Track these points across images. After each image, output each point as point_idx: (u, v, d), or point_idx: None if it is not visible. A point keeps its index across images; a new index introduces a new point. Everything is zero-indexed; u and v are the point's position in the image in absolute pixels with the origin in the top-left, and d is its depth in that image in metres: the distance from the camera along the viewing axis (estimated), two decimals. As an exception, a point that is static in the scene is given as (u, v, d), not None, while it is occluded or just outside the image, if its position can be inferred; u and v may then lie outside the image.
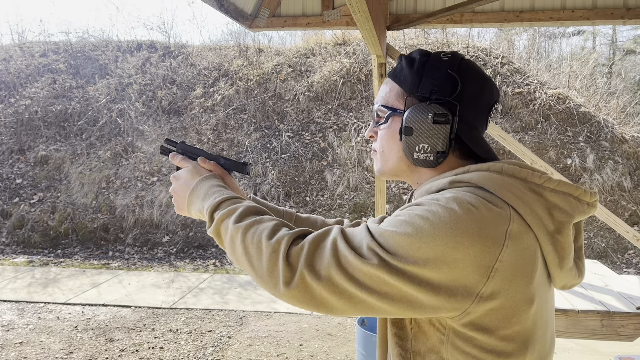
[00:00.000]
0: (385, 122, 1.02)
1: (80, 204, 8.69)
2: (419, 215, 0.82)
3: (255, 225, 0.91)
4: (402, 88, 1.00)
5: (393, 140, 1.01)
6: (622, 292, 3.19)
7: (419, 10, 4.90)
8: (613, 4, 4.70)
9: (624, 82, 15.33)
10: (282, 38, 28.25)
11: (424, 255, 0.79)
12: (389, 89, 1.03)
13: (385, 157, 1.04)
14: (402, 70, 1.01)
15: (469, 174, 0.90)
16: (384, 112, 1.02)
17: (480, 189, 0.87)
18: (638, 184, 8.03)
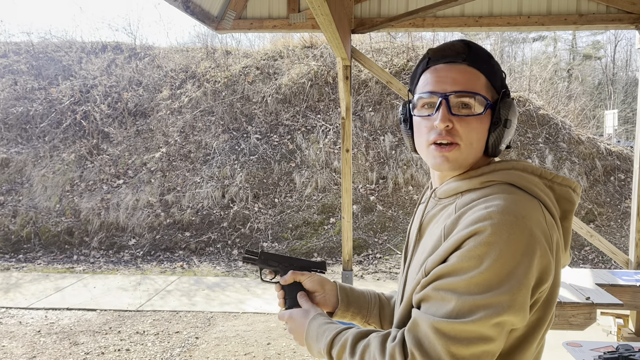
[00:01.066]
0: (482, 113, 0.98)
1: (43, 208, 8.52)
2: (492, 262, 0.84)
3: (366, 351, 0.93)
4: (488, 80, 1.01)
5: (484, 132, 1.00)
6: (574, 284, 3.36)
7: (383, 14, 5.03)
8: (566, 11, 4.92)
9: (581, 86, 15.89)
10: (250, 41, 28.14)
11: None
12: (475, 77, 0.99)
13: (473, 149, 1.00)
14: (483, 61, 1.01)
15: (497, 172, 0.97)
16: (481, 101, 0.98)
17: (511, 185, 0.95)
18: (594, 183, 8.37)
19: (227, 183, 8.62)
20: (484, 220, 0.86)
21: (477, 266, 0.84)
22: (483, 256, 0.84)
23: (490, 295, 0.82)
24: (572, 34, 36.67)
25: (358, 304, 1.25)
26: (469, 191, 0.98)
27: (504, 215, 0.85)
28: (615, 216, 8.01)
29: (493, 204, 0.88)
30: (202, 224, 8.18)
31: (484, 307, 0.82)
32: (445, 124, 0.96)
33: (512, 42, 30.13)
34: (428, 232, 1.05)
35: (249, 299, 5.86)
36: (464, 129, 0.97)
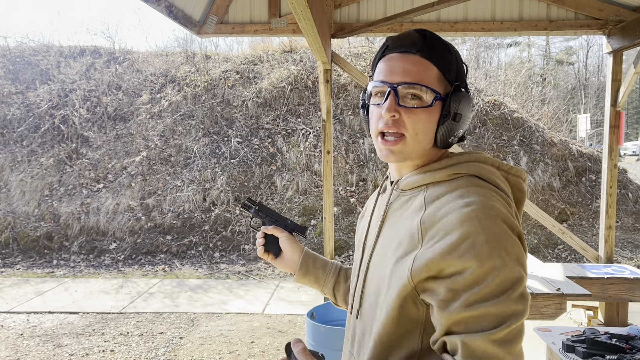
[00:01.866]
0: (430, 105, 0.98)
1: (21, 213, 8.44)
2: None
3: None
4: (440, 71, 1.00)
5: (432, 124, 1.00)
6: (546, 277, 3.52)
7: (362, 20, 5.17)
8: (537, 17, 5.12)
9: (554, 90, 16.31)
10: (229, 45, 28.10)
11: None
12: (424, 68, 0.99)
13: (419, 140, 1.00)
14: (434, 52, 1.00)
15: (461, 165, 1.00)
16: (428, 94, 0.98)
17: (476, 177, 0.98)
18: (566, 184, 8.64)
19: (208, 186, 8.66)
20: (473, 218, 0.87)
21: (493, 267, 0.85)
22: (492, 255, 0.85)
23: (518, 287, 0.86)
24: (546, 40, 37.57)
25: (316, 275, 1.35)
26: (436, 184, 1.00)
27: (488, 209, 0.89)
28: (587, 215, 8.28)
29: (474, 200, 0.90)
30: (184, 228, 8.20)
31: (519, 301, 0.85)
32: (391, 114, 0.97)
33: (487, 47, 30.68)
34: (391, 224, 1.05)
35: (232, 299, 5.92)
36: (410, 120, 0.98)
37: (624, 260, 7.18)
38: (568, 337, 2.28)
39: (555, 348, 2.27)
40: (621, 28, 4.78)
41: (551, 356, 2.47)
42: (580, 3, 4.96)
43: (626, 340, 2.22)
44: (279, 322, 5.16)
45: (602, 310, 4.16)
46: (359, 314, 1.09)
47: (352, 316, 1.14)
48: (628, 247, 7.60)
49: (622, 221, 8.26)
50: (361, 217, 1.31)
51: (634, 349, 2.14)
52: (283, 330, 4.91)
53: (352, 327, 1.14)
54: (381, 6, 5.16)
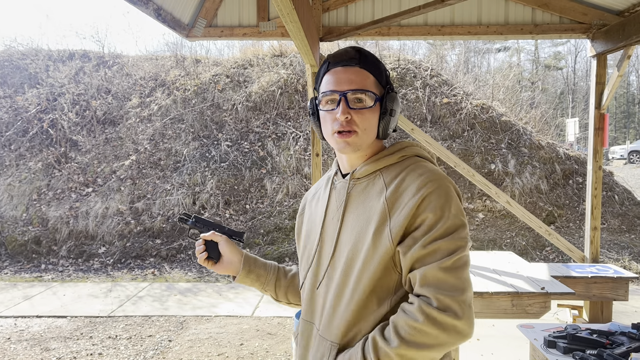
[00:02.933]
0: (373, 106, 1.22)
1: (9, 217, 8.38)
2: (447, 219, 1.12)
3: (399, 330, 1.08)
4: (376, 78, 1.24)
5: (375, 121, 1.24)
6: (531, 277, 3.56)
7: (350, 23, 5.22)
8: (522, 21, 5.19)
9: (543, 94, 16.46)
10: (219, 49, 28.09)
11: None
12: (365, 77, 1.23)
13: (368, 134, 1.23)
14: (370, 63, 1.25)
15: (406, 149, 1.26)
16: (370, 96, 1.22)
17: (418, 157, 1.26)
18: (553, 186, 8.72)
19: (198, 190, 8.65)
20: (427, 183, 1.14)
21: (442, 216, 1.10)
22: (443, 208, 1.11)
23: (462, 230, 1.11)
24: (535, 45, 37.93)
25: (257, 273, 1.47)
26: (388, 167, 1.24)
27: (437, 175, 1.16)
28: (574, 217, 8.37)
29: (424, 171, 1.17)
30: (173, 231, 8.19)
31: (462, 239, 1.10)
32: (345, 116, 1.19)
33: (477, 52, 30.90)
34: (354, 207, 1.25)
35: (221, 302, 5.91)
36: (360, 119, 1.21)
37: (610, 262, 7.26)
38: (550, 333, 2.32)
39: (537, 344, 2.31)
40: (605, 32, 4.86)
41: (534, 352, 2.50)
42: (565, 7, 5.04)
43: (606, 336, 2.26)
44: (268, 324, 5.17)
45: (587, 309, 4.21)
46: (321, 285, 1.28)
47: (313, 290, 1.31)
48: (614, 248, 7.69)
49: (608, 223, 8.35)
50: (301, 213, 1.50)
51: (614, 344, 2.18)
52: (272, 333, 4.92)
53: (314, 300, 1.31)
54: (369, 10, 5.21)
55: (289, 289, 1.51)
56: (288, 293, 1.51)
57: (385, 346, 1.07)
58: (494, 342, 4.42)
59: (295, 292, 1.51)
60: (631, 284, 6.37)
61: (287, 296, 1.52)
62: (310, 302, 1.32)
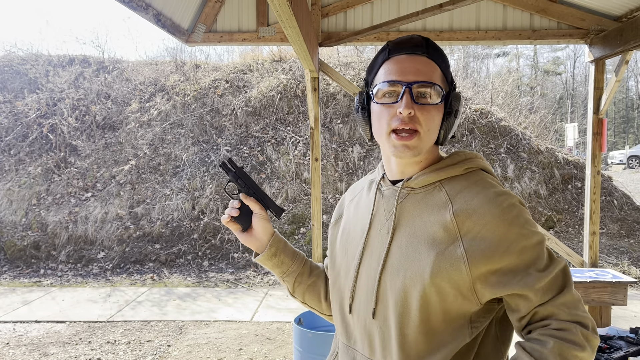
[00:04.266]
0: (441, 102, 1.06)
1: (8, 222, 8.38)
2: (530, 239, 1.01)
3: (568, 357, 0.96)
4: (443, 73, 1.09)
5: (439, 121, 1.07)
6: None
7: (349, 28, 5.24)
8: (520, 26, 5.22)
9: (542, 99, 16.50)
10: (219, 55, 28.17)
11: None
12: (433, 69, 1.07)
13: (430, 136, 1.07)
14: (438, 55, 1.09)
15: (471, 160, 1.11)
16: (439, 92, 1.05)
17: (483, 171, 1.12)
18: (552, 191, 8.73)
19: (197, 195, 8.66)
20: (510, 210, 1.01)
21: (537, 244, 1.00)
22: (532, 236, 1.00)
23: (553, 259, 1.02)
24: (534, 50, 38.05)
25: (282, 260, 1.29)
26: (452, 178, 1.09)
27: (514, 199, 1.03)
28: (573, 222, 8.37)
29: (500, 191, 1.04)
30: (172, 236, 8.18)
31: (563, 265, 1.02)
32: (409, 111, 1.02)
33: (476, 57, 30.98)
34: (410, 221, 1.09)
35: (220, 307, 5.91)
36: (424, 117, 1.04)
37: (609, 267, 7.26)
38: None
39: (536, 349, 2.31)
40: (602, 37, 4.89)
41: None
42: (563, 13, 5.06)
43: (605, 340, 2.26)
44: (267, 329, 5.16)
45: (586, 314, 4.21)
46: (375, 314, 1.10)
47: (360, 317, 1.14)
48: (614, 253, 7.69)
49: (607, 228, 8.35)
50: (338, 219, 1.33)
51: (612, 348, 2.18)
52: (271, 338, 4.91)
53: (364, 328, 1.13)
54: (368, 15, 5.23)
55: (309, 288, 1.35)
56: (306, 292, 1.35)
57: None
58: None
59: (315, 294, 1.36)
60: (630, 289, 6.37)
61: (304, 295, 1.36)
62: (354, 325, 1.17)
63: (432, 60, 1.07)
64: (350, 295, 1.16)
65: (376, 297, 1.09)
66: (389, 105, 1.06)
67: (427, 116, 1.04)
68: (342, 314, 1.20)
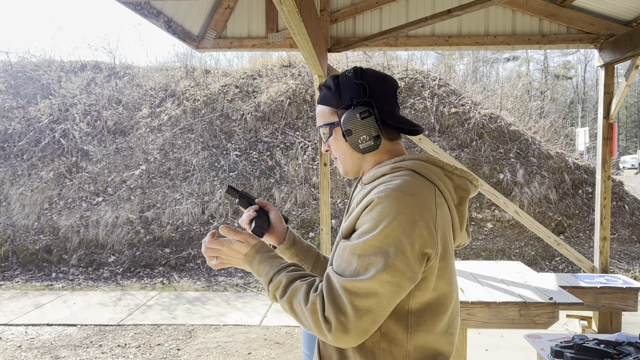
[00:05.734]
0: (331, 135, 1.31)
1: (21, 226, 8.48)
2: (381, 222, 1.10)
3: (294, 295, 1.14)
4: (330, 107, 1.31)
5: (342, 145, 1.31)
6: (539, 287, 3.55)
7: (358, 34, 5.26)
8: (530, 31, 5.22)
9: (552, 104, 16.40)
10: (229, 60, 28.29)
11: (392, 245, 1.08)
12: (321, 111, 1.33)
13: (343, 159, 1.32)
14: (325, 95, 1.32)
15: (405, 161, 1.22)
16: (326, 128, 1.32)
17: (414, 172, 1.19)
18: (562, 196, 8.68)
19: (207, 199, 8.71)
20: (379, 194, 1.11)
21: (371, 231, 1.07)
22: (377, 224, 1.07)
23: (378, 257, 1.05)
24: (544, 55, 37.85)
25: (298, 249, 1.51)
26: (382, 175, 1.23)
27: (395, 192, 1.10)
28: (584, 227, 8.31)
29: (391, 183, 1.13)
30: (182, 240, 8.23)
31: (374, 265, 1.05)
32: (325, 149, 1.36)
33: (485, 62, 30.89)
34: (352, 209, 1.30)
35: (230, 312, 5.93)
36: (333, 148, 1.33)
37: (620, 272, 7.20)
38: (557, 343, 2.32)
39: (544, 354, 2.30)
40: (612, 42, 4.87)
41: (541, 363, 2.50)
42: (572, 18, 5.05)
43: (614, 346, 2.25)
44: (276, 333, 5.17)
45: (596, 319, 4.18)
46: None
47: None
48: (625, 259, 7.62)
49: (618, 233, 8.29)
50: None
51: (621, 354, 2.17)
52: (280, 342, 4.93)
53: None
54: (376, 21, 5.26)
55: (323, 273, 1.52)
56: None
57: (280, 297, 1.17)
58: (503, 352, 4.40)
59: None
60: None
61: None
62: None
63: (321, 103, 1.33)
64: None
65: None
66: None
67: (334, 147, 1.33)
68: None
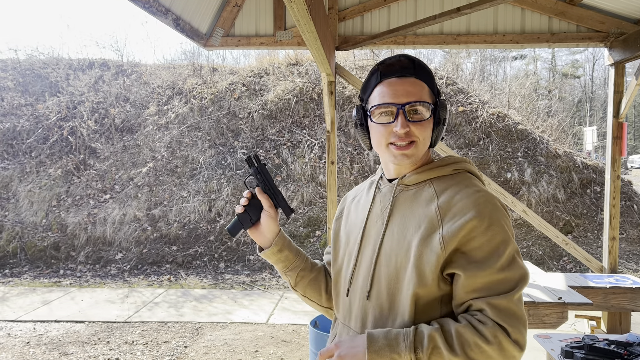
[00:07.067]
0: (430, 116, 1.21)
1: (29, 223, 8.53)
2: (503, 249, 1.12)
3: (465, 344, 1.06)
4: (429, 88, 1.23)
5: (430, 130, 1.23)
6: (548, 287, 3.53)
7: (366, 32, 5.25)
8: (539, 30, 5.18)
9: (560, 103, 16.30)
10: (235, 58, 28.34)
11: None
12: (420, 87, 1.21)
13: (424, 144, 1.22)
14: (423, 72, 1.23)
15: (460, 163, 1.26)
16: (428, 108, 1.20)
17: (470, 173, 1.26)
18: (571, 196, 8.63)
19: (214, 197, 8.73)
20: (485, 203, 1.13)
21: (504, 241, 1.11)
22: (504, 233, 1.11)
23: (518, 259, 1.12)
24: (552, 53, 37.63)
25: (285, 255, 1.42)
26: (440, 177, 1.23)
27: (491, 196, 1.16)
28: (592, 227, 8.26)
29: (479, 189, 1.17)
30: (189, 238, 8.26)
31: (522, 268, 1.11)
32: (405, 130, 1.18)
33: (493, 60, 30.74)
34: (401, 213, 1.23)
35: (237, 309, 5.94)
36: (419, 130, 1.19)
37: (629, 272, 7.15)
38: (567, 344, 2.30)
39: (554, 354, 2.29)
40: (622, 40, 4.83)
41: (551, 363, 2.48)
42: (582, 16, 5.01)
43: (624, 347, 2.23)
44: (282, 331, 5.18)
45: (605, 320, 4.16)
46: (370, 295, 1.23)
47: (357, 299, 1.27)
48: (633, 258, 7.57)
49: (627, 233, 8.23)
50: (340, 216, 1.47)
51: (631, 355, 2.15)
52: (287, 340, 4.93)
53: (360, 308, 1.26)
54: (385, 19, 5.24)
55: (311, 282, 1.47)
56: (308, 286, 1.47)
57: (448, 353, 1.06)
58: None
59: (316, 288, 1.48)
60: (651, 295, 6.25)
61: (306, 289, 1.47)
62: (351, 306, 1.30)
63: (420, 79, 1.21)
64: (349, 280, 1.31)
65: (371, 281, 1.23)
66: (386, 124, 1.21)
67: (420, 129, 1.20)
68: (342, 297, 1.35)
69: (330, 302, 1.48)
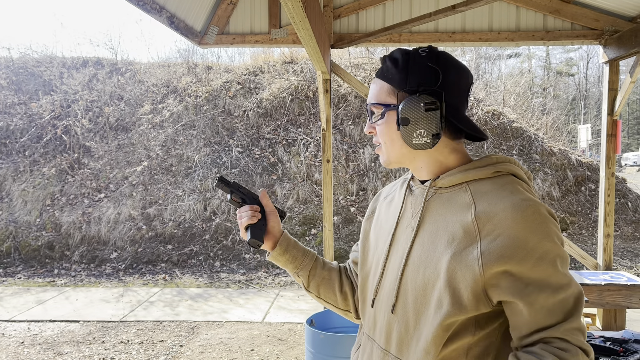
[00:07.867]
0: (382, 118, 1.14)
1: (23, 222, 8.48)
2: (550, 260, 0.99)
3: None
4: (391, 85, 1.12)
5: (393, 132, 1.13)
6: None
7: (361, 30, 5.24)
8: (534, 27, 5.19)
9: (555, 101, 16.36)
10: (230, 56, 28.30)
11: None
12: (379, 87, 1.14)
13: (389, 147, 1.15)
14: (389, 70, 1.13)
15: (502, 164, 1.09)
16: (380, 108, 1.14)
17: (513, 176, 1.08)
18: (565, 193, 8.66)
19: (209, 196, 8.70)
20: (533, 217, 0.98)
21: (556, 259, 0.98)
22: (557, 248, 0.98)
23: (570, 281, 0.99)
24: (546, 51, 37.77)
25: (293, 255, 1.37)
26: (478, 180, 1.08)
27: (541, 208, 1.00)
28: (587, 224, 8.30)
29: (526, 197, 1.01)
30: (184, 237, 8.23)
31: (574, 295, 0.99)
32: (369, 131, 1.18)
33: (488, 58, 30.78)
34: (433, 219, 1.11)
35: (232, 308, 5.93)
36: (378, 132, 1.16)
37: (623, 269, 7.18)
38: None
39: (550, 352, 2.29)
40: (617, 38, 4.84)
41: None
42: (577, 14, 5.02)
43: (620, 344, 2.24)
44: (278, 330, 5.17)
45: (600, 317, 4.17)
46: (395, 309, 1.13)
47: (382, 311, 1.18)
48: (628, 255, 7.61)
49: (621, 230, 8.27)
50: (371, 215, 1.38)
51: (627, 352, 2.16)
52: (283, 339, 4.92)
53: (385, 321, 1.17)
54: (380, 17, 5.23)
55: (324, 281, 1.39)
56: (321, 286, 1.39)
57: None
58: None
59: (329, 287, 1.40)
60: (645, 292, 6.28)
61: (319, 289, 1.40)
62: (375, 318, 1.22)
63: (381, 78, 1.15)
64: (375, 290, 1.22)
65: (397, 293, 1.13)
66: None
67: (379, 131, 1.16)
68: (367, 307, 1.26)
69: (346, 304, 1.41)
